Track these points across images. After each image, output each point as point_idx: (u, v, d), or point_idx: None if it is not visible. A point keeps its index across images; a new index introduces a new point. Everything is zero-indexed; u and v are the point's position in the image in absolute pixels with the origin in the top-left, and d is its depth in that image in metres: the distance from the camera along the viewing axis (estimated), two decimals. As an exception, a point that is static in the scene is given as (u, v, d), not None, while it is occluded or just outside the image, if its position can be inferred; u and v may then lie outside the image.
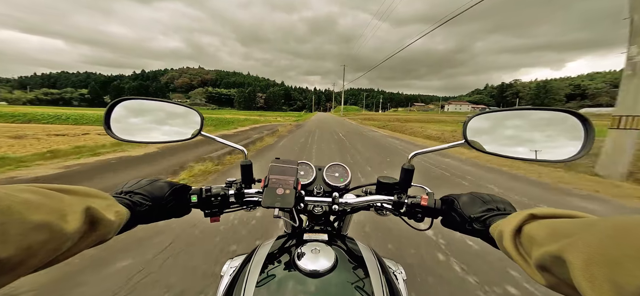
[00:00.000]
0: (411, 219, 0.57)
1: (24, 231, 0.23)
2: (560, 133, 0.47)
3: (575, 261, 0.21)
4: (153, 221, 0.47)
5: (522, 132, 0.51)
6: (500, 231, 0.35)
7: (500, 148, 0.52)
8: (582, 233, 0.23)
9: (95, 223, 0.31)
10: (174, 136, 0.61)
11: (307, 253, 0.47)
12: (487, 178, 4.42)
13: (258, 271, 0.45)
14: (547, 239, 0.26)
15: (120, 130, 0.56)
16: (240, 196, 0.59)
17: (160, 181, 0.51)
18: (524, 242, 0.31)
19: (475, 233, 0.44)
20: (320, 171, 0.73)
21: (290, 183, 0.54)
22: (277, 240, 0.58)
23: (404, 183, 0.60)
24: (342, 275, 0.45)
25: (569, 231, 0.25)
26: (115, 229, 0.35)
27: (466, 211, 0.46)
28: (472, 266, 1.79)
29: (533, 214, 0.31)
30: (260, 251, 0.52)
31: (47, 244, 0.24)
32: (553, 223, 0.28)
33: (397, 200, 0.57)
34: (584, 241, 0.22)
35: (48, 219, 0.25)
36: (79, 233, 0.28)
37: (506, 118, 0.54)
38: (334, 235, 0.59)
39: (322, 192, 0.67)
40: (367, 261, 0.49)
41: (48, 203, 0.26)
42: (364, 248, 0.55)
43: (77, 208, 0.28)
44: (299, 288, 0.42)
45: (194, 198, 0.54)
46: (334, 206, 0.60)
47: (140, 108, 0.59)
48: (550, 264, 0.25)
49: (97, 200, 0.33)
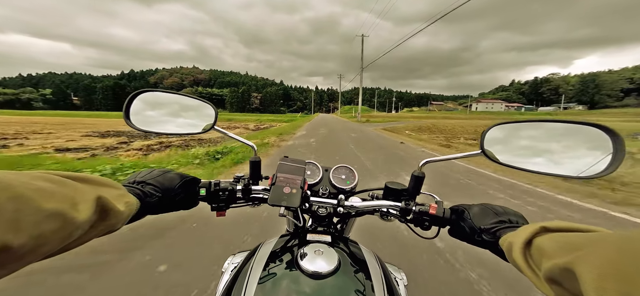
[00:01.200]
0: (417, 227, 0.57)
1: (37, 219, 0.22)
2: (584, 147, 0.45)
3: (586, 275, 0.21)
4: (162, 212, 0.48)
5: (543, 145, 0.49)
6: (510, 243, 0.35)
7: (520, 160, 0.50)
8: (594, 246, 0.22)
9: (105, 212, 0.31)
10: (188, 128, 0.62)
11: (309, 254, 0.47)
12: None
13: (260, 268, 0.45)
14: (558, 252, 0.26)
15: (139, 121, 0.57)
16: (248, 192, 0.59)
17: (172, 173, 0.51)
18: (533, 254, 0.30)
19: (485, 245, 0.43)
20: (327, 172, 0.72)
21: (297, 182, 0.54)
22: (280, 239, 0.57)
23: (413, 190, 0.60)
24: (345, 278, 0.44)
25: (580, 244, 0.24)
26: (124, 220, 0.35)
27: (476, 223, 0.45)
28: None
29: (545, 227, 0.31)
30: (263, 249, 0.52)
31: (58, 232, 0.24)
32: (564, 236, 0.27)
33: (404, 207, 0.57)
34: (596, 255, 0.21)
35: (60, 207, 0.25)
36: (89, 222, 0.28)
37: (526, 130, 0.52)
38: (337, 237, 0.58)
39: (327, 193, 0.66)
40: (369, 266, 0.49)
41: (61, 191, 0.26)
42: (366, 252, 0.54)
43: (88, 197, 0.28)
44: (300, 288, 0.41)
45: (203, 191, 0.54)
46: (339, 208, 0.60)
47: (157, 100, 0.60)
48: (560, 277, 0.25)
49: (108, 189, 0.33)
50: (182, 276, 1.56)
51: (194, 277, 1.56)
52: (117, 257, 1.72)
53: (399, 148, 8.10)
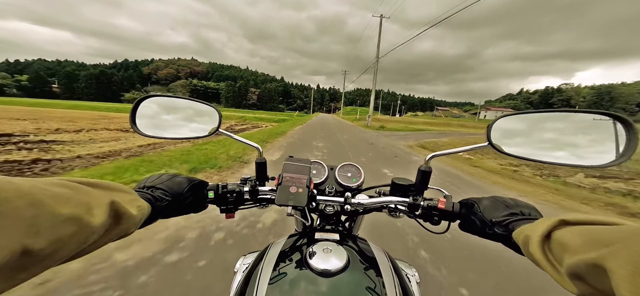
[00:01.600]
0: (427, 222, 0.56)
1: (54, 224, 0.23)
2: (595, 136, 0.45)
3: (619, 271, 0.20)
4: (172, 216, 0.48)
5: (551, 134, 0.49)
6: (527, 236, 0.34)
7: (527, 151, 0.50)
8: (627, 241, 0.21)
9: (119, 217, 0.31)
10: (193, 132, 0.62)
11: (318, 253, 0.47)
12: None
13: (270, 269, 0.45)
14: (583, 247, 0.25)
15: (144, 127, 0.58)
16: (255, 193, 0.59)
17: (180, 177, 0.52)
18: (553, 249, 0.29)
19: (497, 238, 0.43)
20: (332, 170, 0.72)
21: (304, 181, 0.54)
22: (289, 238, 0.57)
23: (420, 185, 0.59)
24: (354, 276, 0.44)
25: (610, 239, 0.23)
26: (136, 224, 0.35)
27: (487, 215, 0.44)
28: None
29: (565, 220, 0.30)
30: (273, 249, 0.52)
31: (75, 236, 0.25)
32: (589, 230, 0.27)
33: (412, 202, 0.56)
34: (630, 250, 0.20)
35: (76, 212, 0.25)
36: (104, 227, 0.28)
37: (536, 120, 0.51)
38: (345, 235, 0.58)
39: (334, 192, 0.66)
40: (379, 263, 0.48)
41: (76, 197, 0.26)
42: (376, 249, 0.54)
43: (102, 202, 0.29)
44: (310, 287, 0.41)
45: (211, 194, 0.55)
46: (346, 206, 0.60)
47: (162, 105, 0.61)
48: (586, 273, 0.24)
49: (120, 194, 0.34)
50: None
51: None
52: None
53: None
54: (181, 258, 1.78)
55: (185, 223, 2.27)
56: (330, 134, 12.24)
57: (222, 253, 1.88)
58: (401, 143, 11.30)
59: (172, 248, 1.89)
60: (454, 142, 14.39)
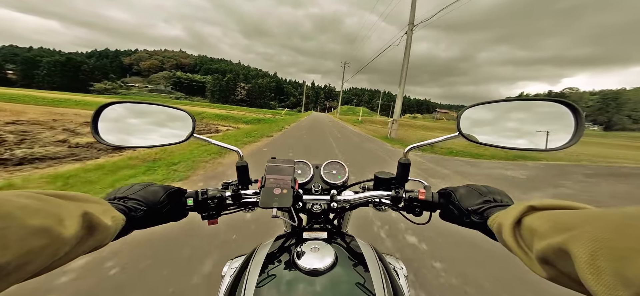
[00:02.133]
0: (410, 214, 0.58)
1: (23, 236, 0.22)
2: (550, 122, 0.48)
3: (580, 254, 0.21)
4: (149, 226, 0.47)
5: (514, 122, 0.52)
6: (500, 223, 0.35)
7: (493, 139, 0.53)
8: (587, 225, 0.22)
9: (93, 228, 0.31)
10: (165, 139, 0.60)
11: (306, 252, 0.47)
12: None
13: (258, 271, 0.45)
14: (550, 232, 0.26)
15: (108, 134, 0.54)
16: (237, 197, 0.58)
17: (154, 186, 0.50)
18: (524, 234, 0.30)
19: (474, 226, 0.44)
20: (317, 169, 0.73)
21: (288, 182, 0.54)
22: (276, 240, 0.57)
23: (401, 177, 0.60)
24: (343, 273, 0.45)
25: (573, 223, 0.24)
26: (111, 235, 0.35)
27: (464, 204, 0.46)
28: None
29: (532, 206, 0.31)
30: (260, 252, 0.52)
31: (45, 249, 0.24)
32: (555, 215, 0.27)
33: (395, 195, 0.58)
34: (590, 234, 0.21)
35: (47, 224, 0.25)
36: (76, 238, 0.28)
37: (498, 110, 0.54)
38: (334, 233, 0.59)
39: (320, 190, 0.66)
40: (367, 258, 0.49)
41: (46, 208, 0.26)
42: (363, 245, 0.54)
43: (74, 213, 0.28)
44: (299, 287, 0.41)
45: (190, 201, 0.54)
46: (332, 204, 0.60)
47: (129, 112, 0.58)
48: (553, 256, 0.25)
49: (93, 205, 0.33)
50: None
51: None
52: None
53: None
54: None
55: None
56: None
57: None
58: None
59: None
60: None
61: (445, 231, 2.23)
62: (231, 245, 1.88)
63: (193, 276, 1.54)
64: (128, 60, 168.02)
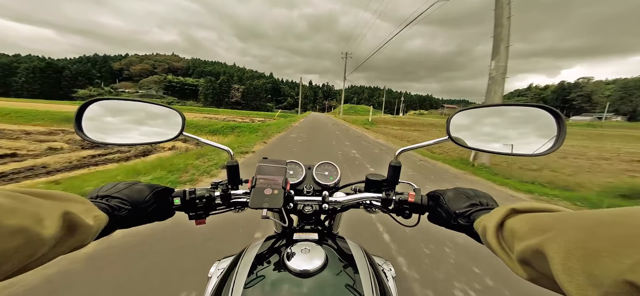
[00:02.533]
0: (399, 216, 0.58)
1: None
2: (535, 128, 0.49)
3: (554, 255, 0.22)
4: (133, 225, 0.46)
5: (500, 128, 0.53)
6: (484, 226, 0.35)
7: (481, 144, 0.54)
8: (561, 227, 0.23)
9: (73, 228, 0.30)
10: (154, 137, 0.59)
11: (297, 253, 0.47)
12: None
13: (246, 272, 0.45)
14: (528, 234, 0.26)
15: (93, 131, 0.52)
16: (227, 197, 0.57)
17: (140, 185, 0.49)
18: (506, 236, 0.31)
19: (461, 229, 0.44)
20: (309, 170, 0.72)
21: (279, 182, 0.54)
22: (266, 241, 0.57)
23: (391, 179, 0.61)
24: (332, 274, 0.44)
25: (549, 225, 0.25)
26: (93, 234, 0.34)
27: (451, 207, 0.46)
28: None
29: (514, 208, 0.32)
30: (249, 252, 0.51)
31: (21, 250, 0.23)
32: (534, 217, 0.28)
33: (385, 197, 0.58)
34: (562, 235, 0.22)
35: (24, 224, 0.24)
36: (55, 239, 0.27)
37: (486, 114, 0.56)
38: (325, 234, 0.59)
39: (312, 191, 0.66)
40: (357, 260, 0.49)
41: (24, 208, 0.25)
42: (353, 247, 0.54)
43: (54, 213, 0.27)
44: (288, 288, 0.41)
45: (177, 200, 0.53)
46: (324, 205, 0.60)
47: (116, 108, 0.56)
48: (531, 258, 0.26)
49: (75, 204, 0.32)
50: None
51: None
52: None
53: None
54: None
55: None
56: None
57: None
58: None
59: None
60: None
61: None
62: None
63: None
64: (118, 65, 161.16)
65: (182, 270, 1.65)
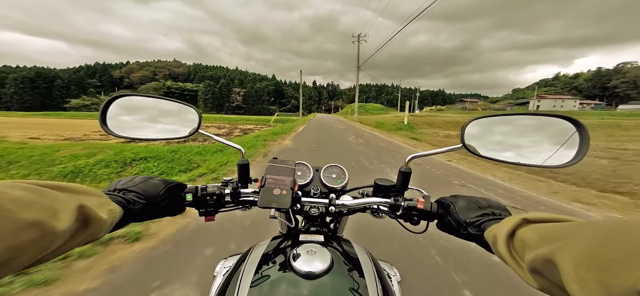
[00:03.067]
0: (407, 222, 0.57)
1: (14, 230, 0.22)
2: (556, 138, 0.47)
3: (565, 265, 0.22)
4: (146, 219, 0.47)
5: (519, 137, 0.51)
6: (495, 235, 0.35)
7: (498, 153, 0.52)
8: (572, 237, 0.23)
9: (87, 221, 0.30)
10: (171, 133, 0.61)
11: (302, 255, 0.47)
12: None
13: (252, 271, 0.45)
14: (539, 243, 0.26)
15: (116, 126, 0.55)
16: (237, 195, 0.58)
17: (155, 179, 0.50)
18: (516, 246, 0.31)
19: (471, 238, 0.44)
20: (317, 172, 0.72)
21: (287, 183, 0.54)
22: (272, 241, 0.57)
23: (401, 185, 0.60)
24: (338, 277, 0.44)
25: (560, 234, 0.25)
26: (107, 228, 0.34)
27: (462, 216, 0.46)
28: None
29: (526, 218, 0.31)
30: (255, 252, 0.51)
31: (36, 242, 0.24)
32: (545, 227, 0.28)
33: (393, 203, 0.57)
34: (574, 245, 0.22)
35: (39, 217, 0.24)
36: (70, 232, 0.27)
37: (503, 123, 0.54)
38: (330, 237, 0.59)
39: (318, 193, 0.66)
40: (362, 264, 0.49)
41: (40, 201, 0.25)
42: (359, 250, 0.54)
43: (69, 206, 0.27)
44: (293, 289, 0.41)
45: (189, 196, 0.54)
46: (330, 208, 0.60)
47: (137, 105, 0.59)
48: (542, 267, 0.25)
49: (90, 198, 0.32)
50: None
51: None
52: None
53: None
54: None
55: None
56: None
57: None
58: None
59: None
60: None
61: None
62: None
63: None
64: (118, 73, 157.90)
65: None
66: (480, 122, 0.55)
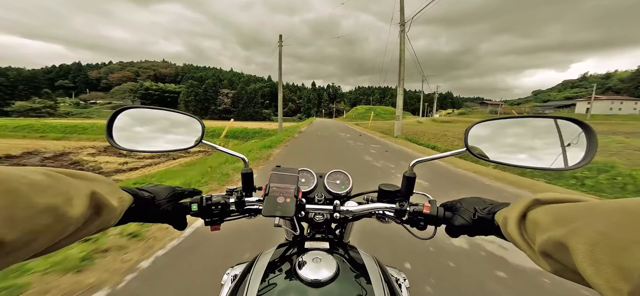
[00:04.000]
0: (413, 228, 0.57)
1: (30, 215, 0.22)
2: (562, 140, 0.47)
3: (579, 247, 0.21)
4: (150, 220, 0.48)
5: (523, 140, 0.51)
6: (505, 217, 0.34)
7: (502, 156, 0.52)
8: (586, 218, 0.22)
9: (100, 208, 0.30)
10: (176, 144, 0.61)
11: (308, 262, 0.46)
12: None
13: (259, 280, 0.45)
14: (551, 225, 0.26)
15: (122, 139, 0.56)
16: (241, 204, 0.58)
17: (162, 186, 0.52)
18: (528, 228, 0.30)
19: (483, 229, 0.43)
20: (321, 178, 0.72)
21: (291, 191, 0.54)
22: (278, 249, 0.57)
23: (405, 190, 0.60)
24: (344, 285, 0.44)
25: (573, 216, 0.24)
26: (117, 216, 0.35)
27: (470, 209, 0.46)
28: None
29: (538, 199, 0.30)
30: (261, 260, 0.51)
31: (52, 227, 0.24)
32: (557, 208, 0.27)
33: (399, 208, 0.57)
34: (588, 227, 0.21)
35: (54, 202, 0.24)
36: (83, 218, 0.28)
37: (507, 126, 0.54)
38: (336, 243, 0.58)
39: (323, 200, 0.66)
40: (369, 270, 0.48)
41: (55, 186, 0.25)
42: (366, 256, 0.54)
43: (83, 192, 0.28)
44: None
45: (195, 206, 0.54)
46: (335, 214, 0.60)
47: (141, 117, 0.59)
48: (554, 250, 0.25)
49: (101, 185, 0.33)
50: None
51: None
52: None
53: None
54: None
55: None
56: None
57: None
58: None
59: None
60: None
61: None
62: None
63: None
64: (96, 73, 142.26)
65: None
66: (484, 125, 0.54)
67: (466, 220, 0.46)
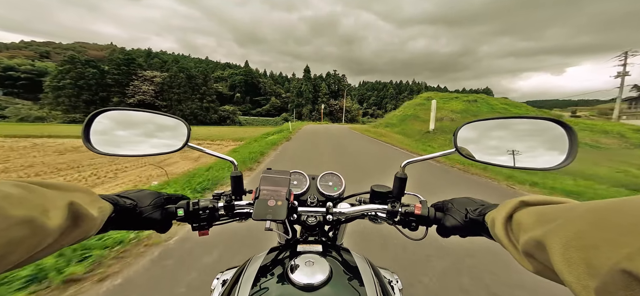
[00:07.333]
0: (405, 228, 0.57)
1: (5, 227, 0.21)
2: (545, 142, 0.48)
3: (554, 246, 0.22)
4: (132, 228, 0.47)
5: (510, 141, 0.52)
6: (493, 218, 0.35)
7: (489, 156, 0.53)
8: (564, 218, 0.23)
9: (78, 218, 0.30)
10: (160, 148, 0.59)
11: (301, 266, 0.46)
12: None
13: (249, 285, 0.44)
14: (533, 226, 0.26)
15: (101, 143, 0.53)
16: (230, 208, 0.57)
17: (148, 191, 0.51)
18: (513, 229, 0.31)
19: (474, 230, 0.44)
20: (314, 180, 0.71)
21: (282, 194, 0.53)
22: (269, 253, 0.56)
23: (397, 191, 0.60)
24: (337, 288, 0.44)
25: (552, 216, 0.25)
26: (97, 226, 0.34)
27: (461, 209, 0.46)
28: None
29: (524, 201, 0.31)
30: (253, 264, 0.50)
31: (27, 240, 0.23)
32: (541, 210, 0.28)
33: (390, 209, 0.57)
34: (564, 226, 0.22)
35: (30, 214, 0.24)
36: (60, 229, 0.27)
37: (493, 127, 0.55)
38: (329, 246, 0.58)
39: (315, 202, 0.65)
40: (362, 272, 0.48)
41: (30, 198, 0.25)
42: (358, 259, 0.54)
43: (60, 203, 0.27)
44: None
45: (180, 212, 0.53)
46: (328, 216, 0.59)
47: (121, 120, 0.57)
48: (535, 249, 0.25)
49: (80, 195, 0.32)
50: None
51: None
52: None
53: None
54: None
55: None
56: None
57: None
58: None
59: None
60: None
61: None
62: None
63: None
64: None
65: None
66: (472, 126, 0.55)
67: (458, 221, 0.46)
